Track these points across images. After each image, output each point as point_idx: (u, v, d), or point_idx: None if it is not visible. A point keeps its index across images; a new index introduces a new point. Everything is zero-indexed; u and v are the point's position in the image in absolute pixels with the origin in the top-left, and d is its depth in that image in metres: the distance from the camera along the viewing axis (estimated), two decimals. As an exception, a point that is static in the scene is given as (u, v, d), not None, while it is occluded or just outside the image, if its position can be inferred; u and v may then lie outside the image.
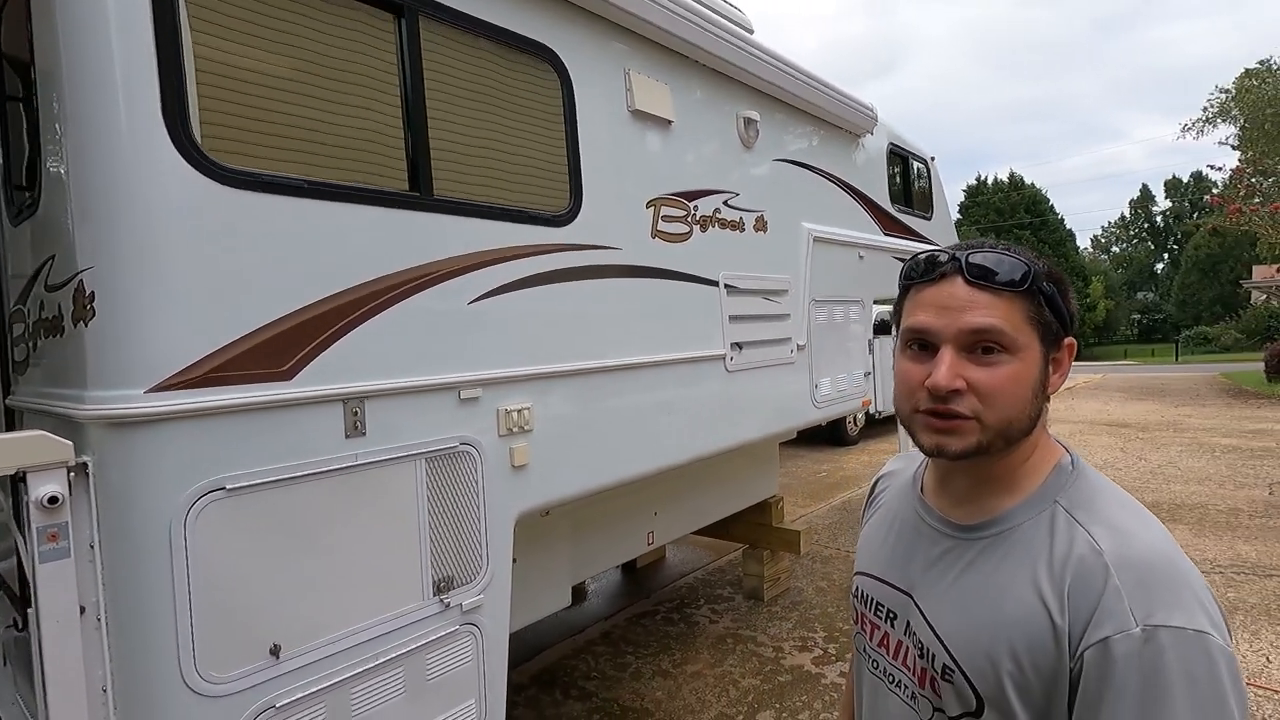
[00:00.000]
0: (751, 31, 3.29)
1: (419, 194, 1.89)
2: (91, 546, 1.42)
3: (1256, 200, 14.51)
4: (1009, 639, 0.75)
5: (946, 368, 0.77)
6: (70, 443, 1.38)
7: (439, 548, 1.90)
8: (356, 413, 1.73)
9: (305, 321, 1.63)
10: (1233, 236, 26.80)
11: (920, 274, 0.83)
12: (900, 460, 1.06)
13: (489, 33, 2.10)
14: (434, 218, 1.92)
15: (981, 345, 0.77)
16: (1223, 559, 4.66)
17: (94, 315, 1.40)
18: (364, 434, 1.75)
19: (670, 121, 2.77)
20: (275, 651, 1.57)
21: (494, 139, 2.13)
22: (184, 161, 1.45)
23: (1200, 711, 0.66)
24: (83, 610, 1.41)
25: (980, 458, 0.80)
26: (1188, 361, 26.47)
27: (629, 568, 4.97)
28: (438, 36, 1.97)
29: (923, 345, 0.81)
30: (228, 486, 1.50)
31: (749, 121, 3.21)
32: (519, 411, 2.12)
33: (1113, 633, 0.69)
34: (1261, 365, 15.44)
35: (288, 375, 1.61)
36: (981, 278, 0.78)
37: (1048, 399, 0.82)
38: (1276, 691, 3.06)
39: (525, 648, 3.77)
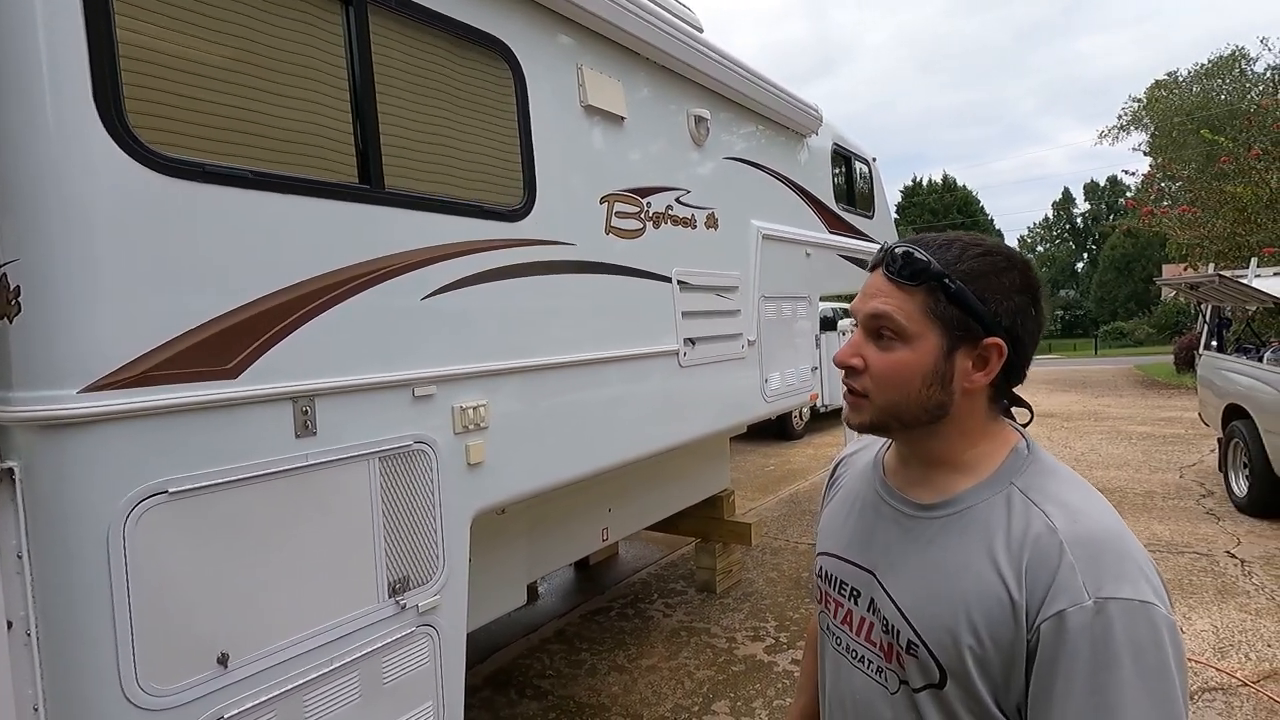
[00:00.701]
0: (701, 30, 3.32)
1: (369, 187, 1.84)
2: (19, 557, 1.33)
3: (1165, 203, 15.51)
4: (968, 613, 0.78)
5: (847, 344, 0.88)
6: (-6, 447, 1.30)
7: (394, 548, 1.86)
8: (306, 411, 1.67)
9: (251, 317, 1.57)
10: (1145, 237, 28.56)
11: (871, 262, 0.91)
12: (860, 443, 1.09)
13: (440, 24, 2.06)
14: (385, 211, 1.87)
15: (878, 330, 0.85)
16: (1139, 538, 4.95)
17: (19, 311, 1.31)
18: (314, 433, 1.69)
19: (622, 118, 2.77)
20: (223, 660, 1.50)
21: (446, 132, 2.09)
22: (118, 148, 1.37)
23: (1144, 675, 0.70)
24: (10, 625, 1.33)
25: (883, 433, 0.90)
26: (1105, 355, 28.09)
27: (582, 565, 4.96)
28: (387, 26, 1.92)
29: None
30: (170, 490, 1.43)
31: (699, 119, 3.25)
32: (474, 409, 2.09)
33: (1067, 605, 0.73)
34: (1171, 358, 16.52)
35: (233, 373, 1.54)
36: (888, 270, 0.84)
37: (963, 393, 0.83)
38: (1191, 660, 3.29)
39: (478, 648, 3.73)
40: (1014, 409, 0.93)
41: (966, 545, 0.82)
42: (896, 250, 0.84)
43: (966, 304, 0.81)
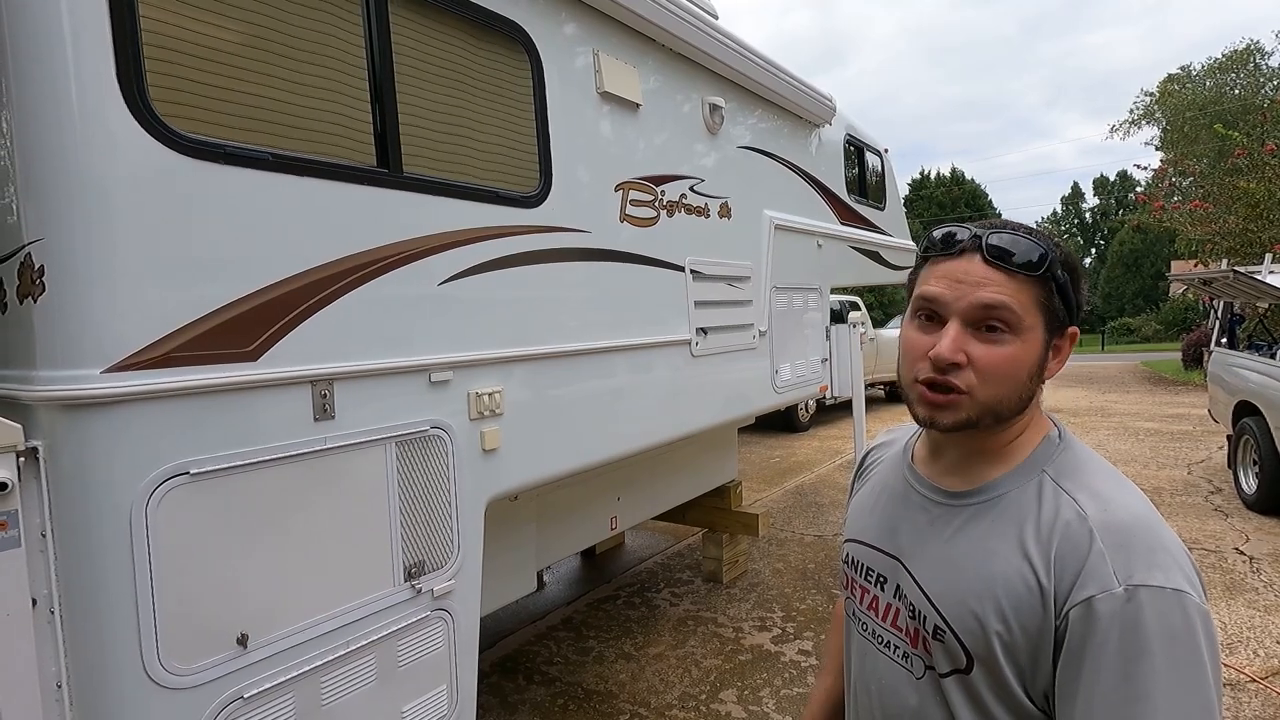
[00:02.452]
0: (716, 17, 3.30)
1: (388, 171, 1.84)
2: (43, 535, 1.34)
3: (1176, 199, 15.39)
4: (996, 599, 0.78)
5: (950, 340, 0.79)
6: (19, 426, 1.30)
7: (410, 533, 1.87)
8: (325, 395, 1.68)
9: (271, 300, 1.57)
10: (1153, 234, 28.38)
11: (939, 247, 0.84)
12: (891, 433, 1.09)
13: (459, 8, 2.05)
14: (404, 196, 1.87)
15: (988, 322, 0.79)
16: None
17: (44, 291, 1.31)
18: (333, 417, 1.70)
19: (638, 105, 2.76)
20: (243, 641, 1.52)
21: (464, 117, 2.08)
22: (141, 129, 1.37)
23: (1176, 664, 0.69)
24: (34, 602, 1.33)
25: (970, 431, 0.82)
26: (1112, 351, 27.92)
27: (588, 554, 4.98)
28: (406, 10, 1.91)
29: (930, 316, 0.82)
30: (192, 471, 1.44)
31: (714, 108, 3.23)
32: (490, 395, 2.09)
33: (1097, 592, 0.72)
34: (1179, 354, 16.44)
35: (253, 356, 1.54)
36: (999, 258, 0.79)
37: (1042, 383, 0.84)
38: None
39: (486, 634, 3.72)
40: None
41: (996, 532, 0.82)
42: (1003, 235, 0.80)
43: (1068, 296, 0.81)
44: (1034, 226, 0.85)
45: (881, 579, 0.93)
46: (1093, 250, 57.03)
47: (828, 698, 1.15)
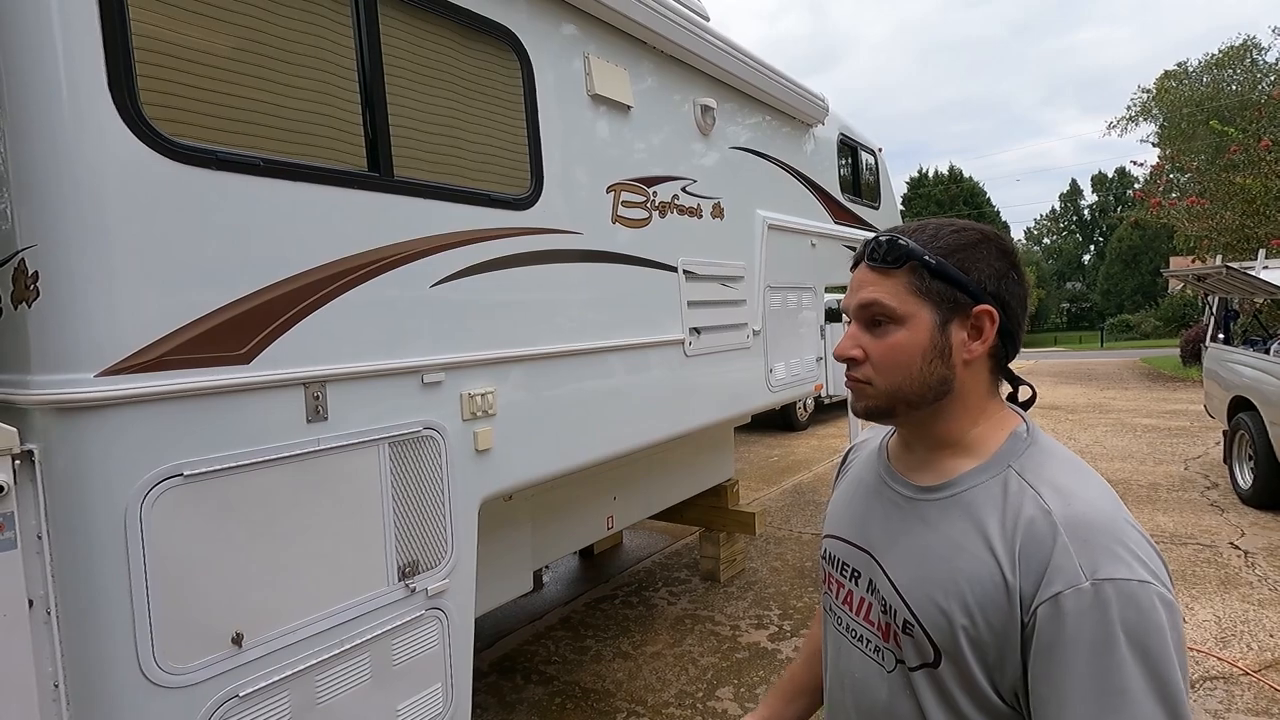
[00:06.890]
0: (707, 19, 3.32)
1: (379, 174, 1.86)
2: (39, 537, 1.36)
3: (1174, 195, 15.39)
4: (962, 594, 0.79)
5: (846, 339, 0.90)
6: (14, 429, 1.32)
7: (403, 533, 1.88)
8: (318, 397, 1.70)
9: (264, 304, 1.59)
10: (1152, 229, 28.37)
11: (854, 261, 0.94)
12: (869, 431, 1.12)
13: (449, 12, 2.07)
14: (395, 199, 1.89)
15: (873, 318, 0.87)
16: (1144, 530, 4.97)
17: (38, 296, 1.33)
18: (326, 418, 1.71)
19: (629, 107, 2.78)
20: (238, 640, 1.53)
21: (454, 121, 2.10)
22: (133, 135, 1.39)
23: (1146, 654, 0.70)
24: (31, 604, 1.35)
25: (890, 418, 0.90)
26: (1111, 347, 27.95)
27: (586, 554, 5.00)
28: (396, 15, 1.93)
29: (849, 321, 0.93)
30: (185, 473, 1.45)
31: (706, 109, 3.25)
32: (483, 395, 2.11)
33: (1063, 589, 0.73)
34: (1177, 350, 16.45)
35: (246, 359, 1.56)
36: (873, 259, 0.88)
37: (964, 365, 0.86)
38: (1193, 649, 3.31)
39: (485, 634, 3.76)
40: (1016, 391, 0.94)
41: (962, 527, 0.83)
42: (882, 239, 0.89)
43: (949, 276, 0.84)
44: (940, 220, 0.89)
45: (856, 573, 0.95)
46: (1092, 247, 57.04)
47: (792, 680, 1.17)
